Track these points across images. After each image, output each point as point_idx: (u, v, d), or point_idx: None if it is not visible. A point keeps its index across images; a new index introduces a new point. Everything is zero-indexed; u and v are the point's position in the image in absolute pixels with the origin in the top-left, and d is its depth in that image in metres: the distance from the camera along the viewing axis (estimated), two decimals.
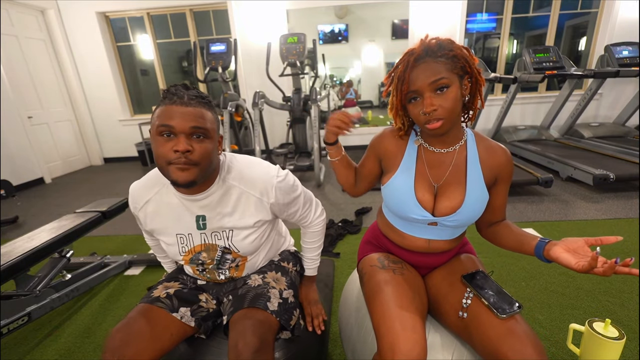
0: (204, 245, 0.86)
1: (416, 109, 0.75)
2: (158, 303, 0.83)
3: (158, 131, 0.70)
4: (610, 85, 4.27)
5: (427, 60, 0.72)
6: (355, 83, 9.76)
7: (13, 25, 3.90)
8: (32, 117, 4.08)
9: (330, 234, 2.20)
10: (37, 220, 2.88)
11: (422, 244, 0.89)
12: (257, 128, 3.30)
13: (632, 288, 1.53)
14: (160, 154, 0.70)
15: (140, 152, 4.69)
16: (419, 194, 0.83)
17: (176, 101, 0.70)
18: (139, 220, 0.90)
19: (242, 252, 0.88)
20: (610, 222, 2.20)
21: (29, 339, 1.46)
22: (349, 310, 1.01)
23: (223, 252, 0.88)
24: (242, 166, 0.86)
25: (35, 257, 1.40)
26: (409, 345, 0.68)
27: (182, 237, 0.86)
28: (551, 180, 2.64)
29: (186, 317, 0.83)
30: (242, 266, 0.92)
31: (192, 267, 0.92)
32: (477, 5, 4.39)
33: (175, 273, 0.99)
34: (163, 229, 0.86)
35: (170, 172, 0.71)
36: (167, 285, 0.91)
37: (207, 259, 0.88)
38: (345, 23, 9.23)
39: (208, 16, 4.58)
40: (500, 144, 0.85)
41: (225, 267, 0.91)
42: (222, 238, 0.86)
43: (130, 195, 0.88)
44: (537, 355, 0.65)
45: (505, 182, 0.85)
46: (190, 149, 0.70)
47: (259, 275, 0.92)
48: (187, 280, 0.96)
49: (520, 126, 4.27)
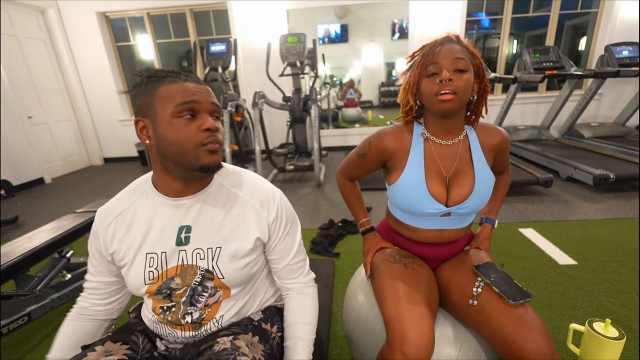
0: (180, 267, 0.68)
1: (432, 81, 0.78)
2: None
3: (176, 112, 0.59)
4: (610, 85, 4.27)
5: (453, 44, 0.78)
6: (355, 83, 9.75)
7: (13, 25, 3.89)
8: (32, 117, 4.08)
9: (330, 234, 2.20)
10: (37, 220, 2.87)
11: (434, 234, 0.91)
12: (257, 128, 3.30)
13: (632, 288, 1.53)
14: (186, 137, 0.60)
15: (140, 152, 4.69)
16: (432, 188, 0.85)
17: (188, 79, 0.61)
18: (99, 244, 0.71)
19: (227, 280, 0.69)
20: (610, 222, 2.20)
21: (29, 339, 1.46)
22: (353, 307, 1.01)
23: (203, 276, 0.68)
24: (243, 174, 0.76)
25: (35, 257, 1.40)
26: (418, 335, 0.70)
27: (154, 257, 0.67)
28: (551, 180, 2.64)
29: None
30: (219, 305, 0.71)
31: (154, 302, 0.71)
32: (477, 5, 4.39)
33: (123, 331, 0.74)
34: (130, 248, 0.69)
35: (200, 157, 0.61)
36: (110, 348, 0.66)
37: (180, 287, 0.68)
38: (345, 23, 9.23)
39: (208, 16, 4.58)
40: (493, 125, 0.91)
41: (200, 302, 0.69)
42: (205, 257, 0.68)
43: (99, 214, 0.72)
44: (545, 342, 0.67)
45: (504, 152, 0.93)
46: (219, 127, 0.63)
47: (228, 338, 0.67)
48: (139, 345, 0.71)
49: (520, 126, 4.27)
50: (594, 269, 1.70)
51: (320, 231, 2.29)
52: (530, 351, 0.66)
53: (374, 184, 3.17)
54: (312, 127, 3.52)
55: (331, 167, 4.10)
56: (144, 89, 0.62)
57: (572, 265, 1.74)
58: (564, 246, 1.94)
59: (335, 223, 2.41)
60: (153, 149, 0.64)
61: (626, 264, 1.72)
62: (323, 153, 4.19)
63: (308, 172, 3.89)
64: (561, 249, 1.92)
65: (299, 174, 3.88)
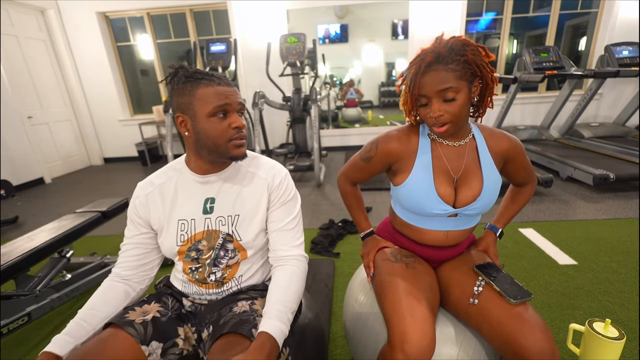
0: (205, 232, 0.82)
1: (425, 111, 0.79)
2: (130, 329, 0.72)
3: (212, 112, 0.73)
4: (610, 85, 4.28)
5: (437, 68, 0.73)
6: (355, 83, 9.75)
7: (13, 25, 3.90)
8: (32, 117, 4.08)
9: (331, 234, 2.20)
10: (37, 220, 2.88)
11: (440, 236, 0.91)
12: (257, 128, 3.30)
13: (632, 288, 1.53)
14: (219, 134, 0.75)
15: (140, 152, 4.69)
16: (441, 189, 0.84)
17: (220, 82, 0.74)
18: (137, 210, 0.84)
19: (244, 242, 0.83)
20: (610, 222, 2.20)
21: (29, 339, 1.46)
22: (353, 307, 1.01)
23: (225, 239, 0.83)
24: (258, 157, 0.91)
25: (35, 257, 1.40)
26: (419, 336, 0.70)
27: (184, 223, 0.82)
28: (551, 180, 2.64)
29: (154, 355, 0.73)
30: (237, 266, 0.86)
31: (184, 264, 0.85)
32: (477, 5, 4.39)
33: (154, 295, 0.88)
34: (164, 214, 0.83)
35: (229, 149, 0.77)
36: (146, 309, 0.80)
37: (206, 249, 0.83)
38: (345, 23, 9.23)
39: (208, 16, 4.58)
40: (502, 130, 0.90)
41: (221, 263, 0.84)
42: (226, 224, 0.82)
43: (140, 185, 0.86)
44: (546, 340, 0.67)
45: (516, 160, 0.90)
46: (244, 123, 0.78)
47: (247, 302, 0.81)
48: (169, 305, 0.85)
49: (520, 126, 4.28)
50: (594, 269, 1.70)
51: (320, 231, 2.29)
52: (530, 348, 0.66)
53: (373, 184, 3.17)
54: (312, 127, 3.52)
55: (331, 167, 4.10)
56: (182, 88, 0.74)
57: (572, 265, 1.74)
58: (564, 246, 1.94)
59: (335, 223, 2.41)
60: (191, 139, 0.79)
61: (626, 264, 1.72)
62: (323, 153, 4.19)
63: (308, 172, 3.89)
64: (561, 249, 1.92)
65: (299, 174, 3.88)
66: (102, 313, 0.76)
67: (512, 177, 0.95)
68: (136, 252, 0.86)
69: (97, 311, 0.76)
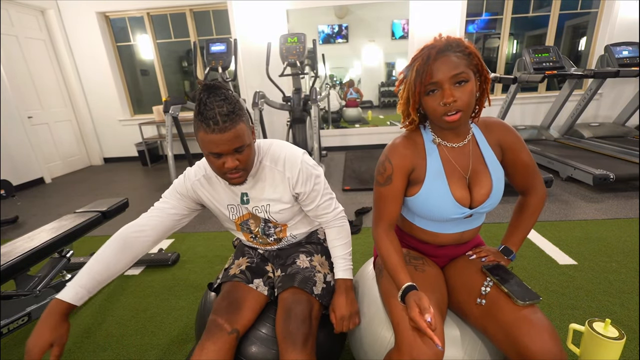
0: (249, 214, 1.01)
1: (434, 101, 0.75)
2: (236, 279, 1.00)
3: (207, 154, 0.82)
4: (610, 85, 4.27)
5: (447, 54, 0.73)
6: (355, 83, 9.74)
7: (13, 25, 3.90)
8: (32, 117, 4.08)
9: None
10: (37, 220, 2.88)
11: (456, 237, 0.91)
12: (257, 128, 3.30)
13: (632, 288, 1.53)
14: (216, 169, 0.84)
15: (140, 152, 4.69)
16: (457, 194, 0.83)
17: (215, 129, 0.76)
18: (187, 186, 0.96)
19: (280, 221, 1.01)
20: (610, 222, 2.20)
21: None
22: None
23: (265, 222, 1.02)
24: (274, 148, 0.97)
25: (35, 257, 1.39)
26: (428, 341, 0.69)
27: (233, 207, 1.00)
28: (551, 180, 2.64)
29: (260, 287, 1.00)
30: (285, 230, 1.05)
31: (244, 234, 1.06)
32: (477, 5, 4.39)
33: (240, 248, 1.15)
34: (215, 198, 0.99)
35: (227, 180, 0.87)
36: (239, 263, 1.07)
37: (254, 226, 1.03)
38: (345, 23, 9.23)
39: (208, 16, 4.58)
40: (494, 117, 0.89)
41: (272, 235, 1.04)
42: (262, 211, 0.99)
43: (193, 169, 0.98)
44: (553, 343, 0.66)
45: (514, 150, 0.86)
46: (237, 164, 0.82)
47: (307, 257, 1.05)
48: (253, 254, 1.10)
49: (520, 126, 4.27)
50: (594, 269, 1.70)
51: None
52: (537, 350, 0.65)
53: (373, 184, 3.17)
54: (312, 127, 3.52)
55: (331, 167, 4.10)
56: (195, 116, 0.79)
57: (572, 265, 1.74)
58: (564, 246, 1.94)
59: None
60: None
61: (626, 264, 1.72)
62: (323, 153, 4.19)
63: None
64: (561, 249, 1.92)
65: None
66: (110, 271, 0.85)
67: (512, 177, 0.91)
68: (166, 213, 0.97)
69: (109, 269, 0.85)
